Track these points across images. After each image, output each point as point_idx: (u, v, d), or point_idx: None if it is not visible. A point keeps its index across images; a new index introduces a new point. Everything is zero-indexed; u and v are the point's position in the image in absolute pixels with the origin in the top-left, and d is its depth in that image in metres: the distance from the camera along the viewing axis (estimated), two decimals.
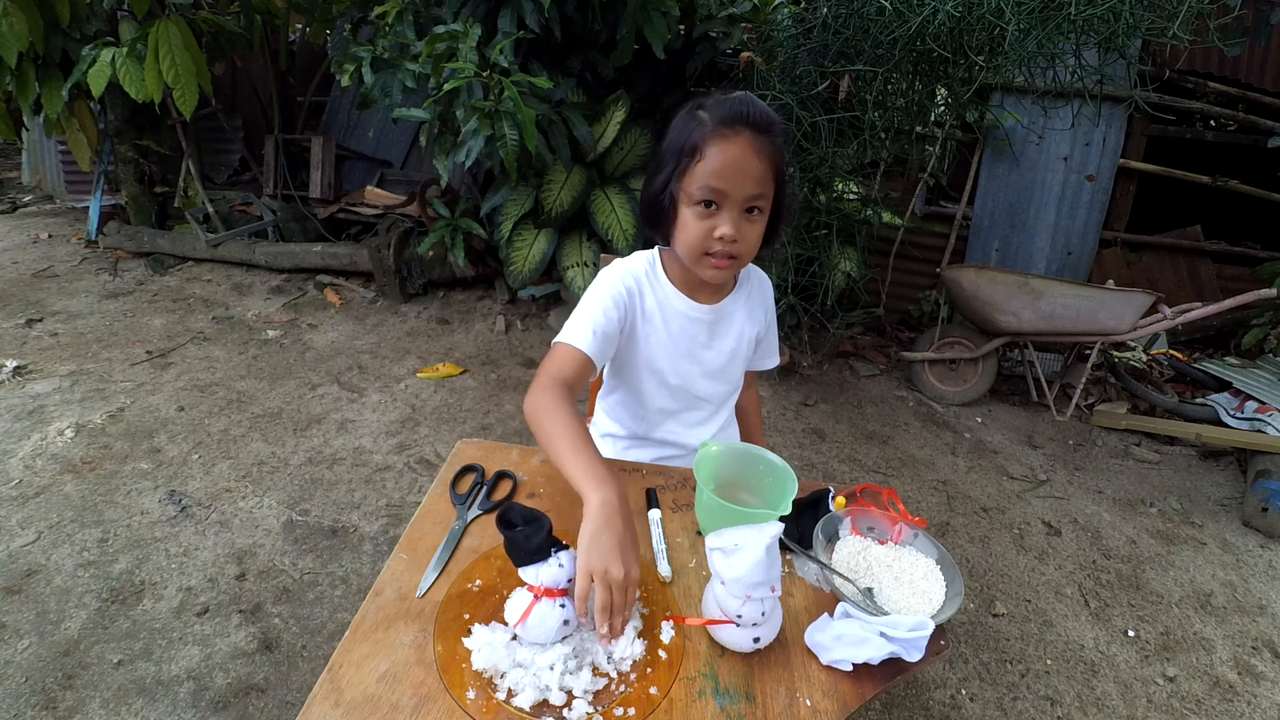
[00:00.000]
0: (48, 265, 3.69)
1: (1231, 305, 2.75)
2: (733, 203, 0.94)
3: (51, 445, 2.18)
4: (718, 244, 0.95)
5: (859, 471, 2.49)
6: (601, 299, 1.04)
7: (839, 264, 3.02)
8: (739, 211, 0.95)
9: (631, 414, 1.20)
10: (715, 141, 0.92)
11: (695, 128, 0.94)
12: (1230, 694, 1.70)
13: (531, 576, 0.72)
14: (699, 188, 0.94)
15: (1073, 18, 1.89)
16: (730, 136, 0.92)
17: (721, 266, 0.98)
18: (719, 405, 1.20)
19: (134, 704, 1.40)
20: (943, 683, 1.64)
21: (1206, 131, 3.73)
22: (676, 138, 0.97)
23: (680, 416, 1.18)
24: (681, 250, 1.00)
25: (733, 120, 0.92)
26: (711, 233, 0.95)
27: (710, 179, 0.93)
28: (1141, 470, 2.70)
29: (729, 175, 0.92)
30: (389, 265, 3.46)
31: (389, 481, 2.17)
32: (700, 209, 0.95)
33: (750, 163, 0.93)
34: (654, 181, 1.00)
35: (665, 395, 1.15)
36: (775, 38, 2.72)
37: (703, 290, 1.08)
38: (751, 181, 0.93)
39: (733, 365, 1.15)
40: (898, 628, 0.75)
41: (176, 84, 3.00)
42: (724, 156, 0.92)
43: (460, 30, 2.62)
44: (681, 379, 1.12)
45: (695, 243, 0.97)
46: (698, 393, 1.15)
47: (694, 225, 0.96)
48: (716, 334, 1.11)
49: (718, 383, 1.16)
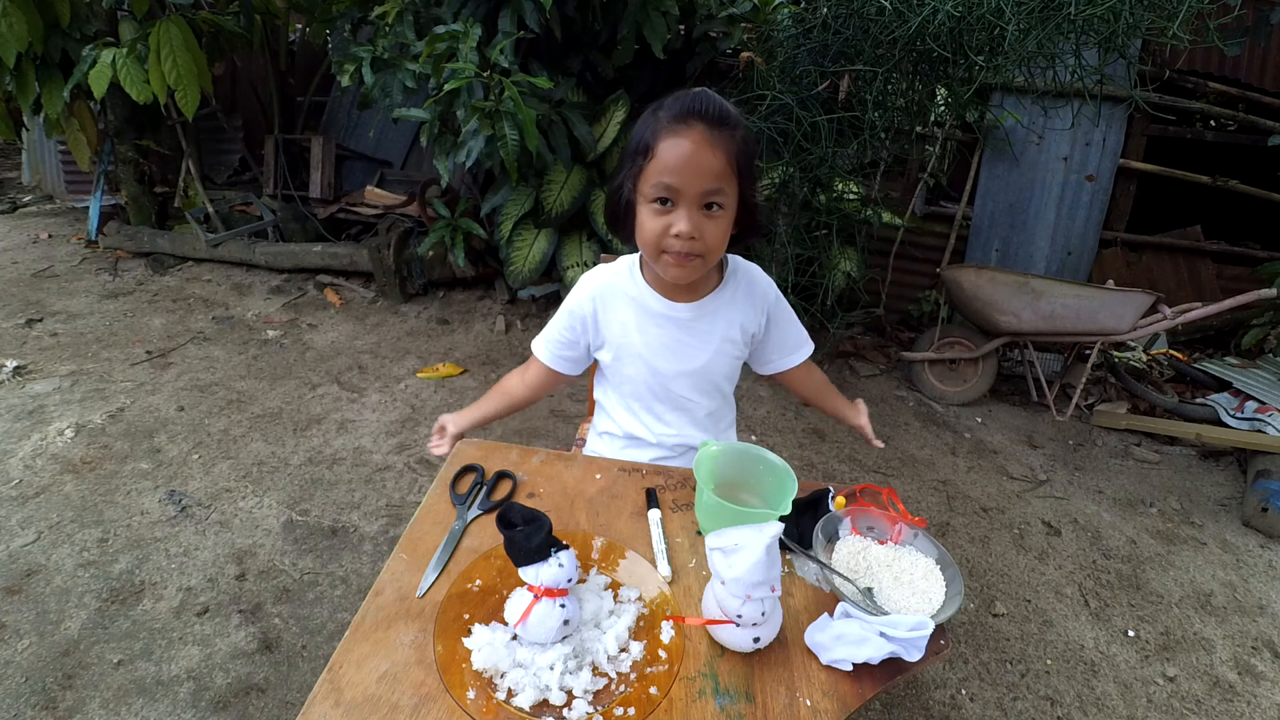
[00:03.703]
0: (48, 265, 3.69)
1: (1231, 305, 2.75)
2: (688, 199, 0.93)
3: (51, 445, 2.18)
4: (674, 241, 0.94)
5: (859, 471, 2.49)
6: (561, 314, 1.15)
7: (839, 264, 3.02)
8: (696, 208, 0.93)
9: (621, 414, 1.20)
10: (667, 137, 0.92)
11: (650, 125, 0.94)
12: (1230, 694, 1.70)
13: (531, 576, 0.72)
14: (653, 185, 0.93)
15: (1073, 18, 1.89)
16: (683, 131, 0.91)
17: (681, 264, 0.97)
18: (708, 405, 1.18)
19: (134, 704, 1.40)
20: (943, 683, 1.64)
21: (1206, 131, 3.72)
22: (635, 137, 0.97)
23: (666, 417, 1.18)
24: (642, 249, 1.01)
25: (685, 115, 0.92)
26: (668, 230, 0.94)
27: (663, 175, 0.92)
28: (1141, 470, 2.70)
29: (682, 171, 0.91)
30: (389, 265, 3.46)
31: (389, 481, 2.17)
32: (656, 206, 0.94)
33: (704, 157, 0.91)
34: (613, 182, 1.01)
35: (649, 395, 1.15)
36: (775, 37, 2.72)
37: (680, 290, 1.07)
38: (707, 176, 0.92)
39: (717, 363, 1.13)
40: (898, 627, 0.75)
41: (178, 84, 3.00)
42: (676, 151, 0.91)
43: (460, 30, 2.62)
44: (661, 379, 1.12)
45: (652, 241, 0.96)
46: (679, 391, 1.14)
47: (650, 223, 0.95)
48: (697, 333, 1.10)
49: (700, 380, 1.14)
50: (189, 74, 3.01)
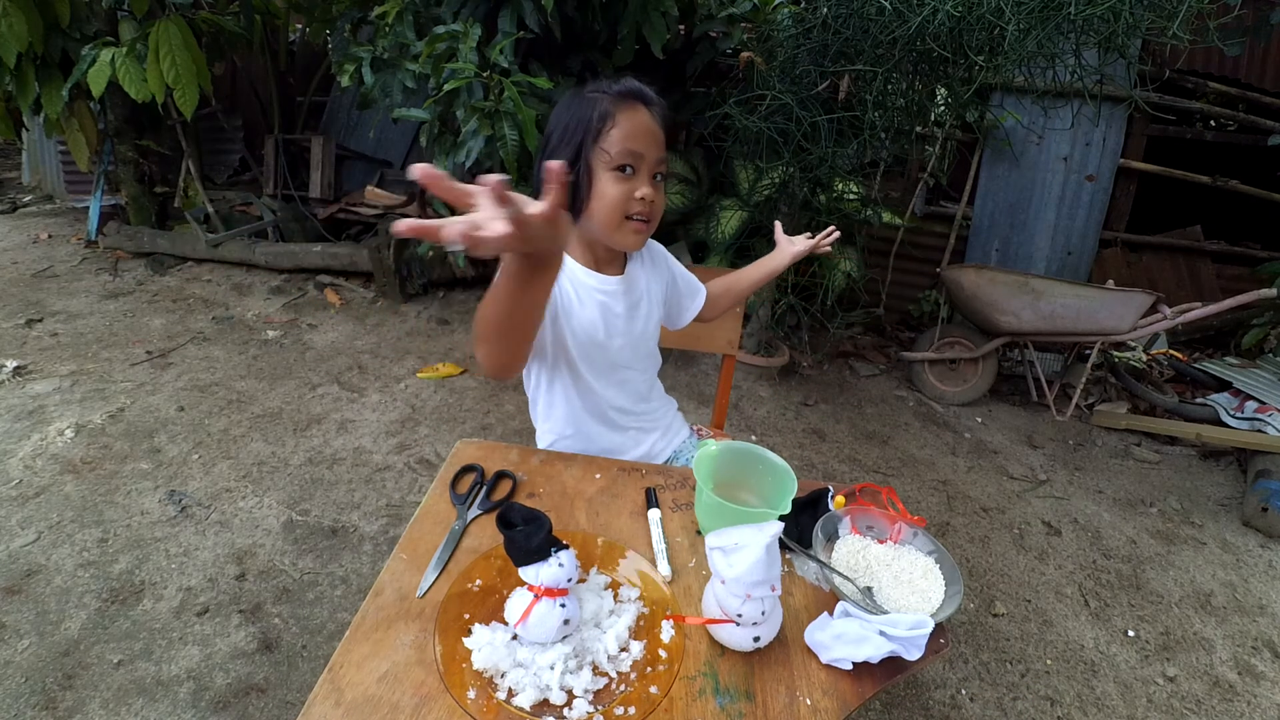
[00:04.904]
0: (48, 265, 3.69)
1: (1231, 305, 2.75)
2: (646, 165, 0.99)
3: (51, 445, 2.18)
4: (639, 204, 1.00)
5: (859, 471, 2.49)
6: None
7: (839, 264, 3.02)
8: (650, 176, 1.00)
9: (570, 407, 1.15)
10: (624, 110, 0.97)
11: (596, 101, 0.98)
12: (1230, 694, 1.70)
13: (531, 576, 0.72)
14: (618, 152, 0.97)
15: (1073, 18, 1.89)
16: (636, 106, 0.99)
17: (641, 230, 1.02)
18: (649, 374, 1.23)
19: (134, 704, 1.40)
20: (943, 683, 1.64)
21: (1206, 131, 3.73)
22: (577, 113, 0.99)
23: (618, 390, 1.17)
24: (601, 218, 1.01)
25: (631, 95, 0.99)
26: (632, 194, 0.99)
27: (627, 142, 0.97)
28: (1141, 470, 2.70)
29: (642, 139, 0.98)
30: (389, 265, 3.46)
31: (389, 481, 2.17)
32: (617, 174, 0.99)
33: (656, 131, 1.00)
34: (557, 158, 0.98)
35: (602, 375, 1.13)
36: (775, 38, 2.72)
37: (608, 264, 1.10)
38: (659, 147, 1.00)
39: (650, 328, 1.18)
40: (897, 626, 0.75)
41: (177, 84, 3.01)
42: (636, 121, 0.98)
43: (460, 30, 2.62)
44: (611, 353, 1.12)
45: (616, 207, 1.00)
46: (625, 363, 1.15)
47: (614, 189, 0.99)
48: (631, 301, 1.13)
49: (643, 347, 1.18)
50: (188, 73, 3.01)
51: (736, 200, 3.11)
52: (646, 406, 1.24)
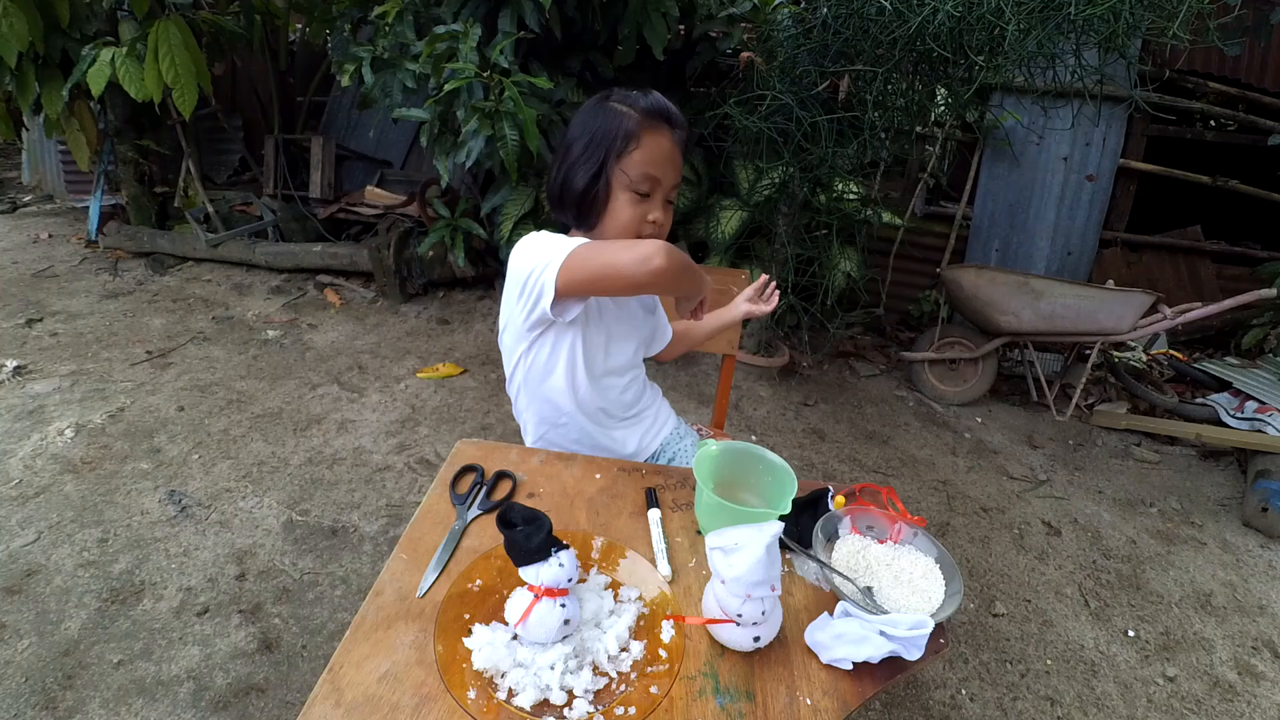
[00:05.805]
0: (48, 265, 3.69)
1: (1231, 305, 2.75)
2: (662, 190, 1.01)
3: (51, 445, 2.18)
4: (650, 227, 1.02)
5: (859, 471, 2.49)
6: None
7: (839, 264, 3.02)
8: (664, 200, 1.02)
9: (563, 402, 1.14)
10: (649, 131, 0.98)
11: (623, 117, 0.99)
12: (1230, 694, 1.70)
13: (532, 576, 0.72)
14: (638, 175, 0.98)
15: (1073, 18, 1.88)
16: (661, 129, 0.99)
17: None
18: (636, 372, 1.25)
19: (134, 704, 1.40)
20: (943, 683, 1.64)
21: (1206, 131, 3.73)
22: (603, 126, 0.99)
23: (615, 386, 1.18)
24: (612, 235, 1.03)
25: (660, 114, 0.99)
26: (645, 217, 1.01)
27: (648, 167, 0.98)
28: (1141, 470, 2.70)
29: (663, 164, 0.99)
30: (389, 265, 3.46)
31: (389, 481, 2.17)
32: (634, 196, 1.00)
33: (676, 156, 1.02)
34: (578, 169, 1.02)
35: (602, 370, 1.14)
36: (775, 38, 2.72)
37: None
38: (676, 172, 1.02)
39: (643, 333, 1.22)
40: (897, 626, 0.75)
41: (176, 84, 3.00)
42: (659, 147, 0.99)
43: (460, 30, 2.62)
44: (602, 355, 1.14)
45: (629, 227, 1.02)
46: (628, 362, 1.19)
47: (628, 211, 1.01)
48: (628, 308, 1.17)
49: (633, 344, 1.20)
50: (187, 73, 3.01)
51: (736, 200, 3.11)
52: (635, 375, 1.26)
